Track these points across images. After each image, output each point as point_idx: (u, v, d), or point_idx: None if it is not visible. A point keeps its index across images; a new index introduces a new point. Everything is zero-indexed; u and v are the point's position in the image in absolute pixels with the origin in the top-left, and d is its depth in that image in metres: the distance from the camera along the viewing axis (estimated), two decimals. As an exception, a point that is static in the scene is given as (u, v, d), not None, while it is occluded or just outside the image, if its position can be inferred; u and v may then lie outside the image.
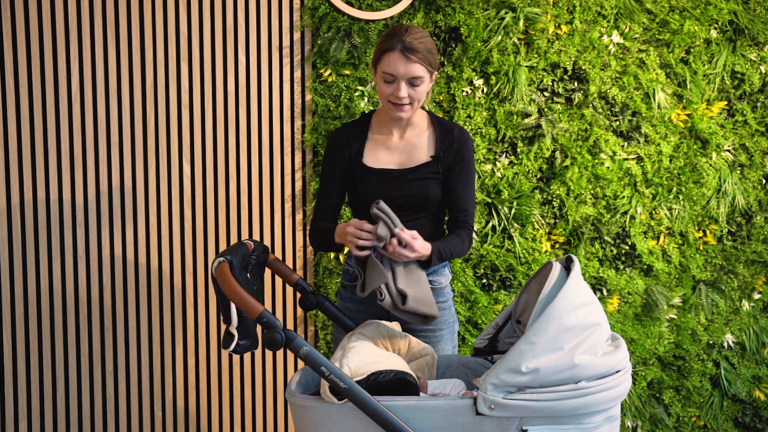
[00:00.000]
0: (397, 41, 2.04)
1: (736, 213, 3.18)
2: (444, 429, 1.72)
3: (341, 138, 2.21)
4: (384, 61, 2.06)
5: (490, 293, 3.02)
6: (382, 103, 2.14)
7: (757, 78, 3.11)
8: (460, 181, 2.20)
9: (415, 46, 2.04)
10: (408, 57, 2.04)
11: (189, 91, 2.82)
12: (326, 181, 2.24)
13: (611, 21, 2.99)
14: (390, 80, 2.07)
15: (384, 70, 2.07)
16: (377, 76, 2.11)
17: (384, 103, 2.13)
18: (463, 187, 2.21)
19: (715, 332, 3.20)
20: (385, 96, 2.10)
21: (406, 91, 2.07)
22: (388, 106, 2.12)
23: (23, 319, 2.79)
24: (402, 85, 2.06)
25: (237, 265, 1.80)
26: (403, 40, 2.04)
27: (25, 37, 2.69)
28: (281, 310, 2.98)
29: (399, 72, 2.05)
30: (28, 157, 2.74)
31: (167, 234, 2.86)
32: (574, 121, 3.00)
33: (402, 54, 2.04)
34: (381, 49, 2.08)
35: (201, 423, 2.96)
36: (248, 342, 1.83)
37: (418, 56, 2.05)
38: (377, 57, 2.09)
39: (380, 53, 2.08)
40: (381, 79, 2.09)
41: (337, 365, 1.80)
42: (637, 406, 3.16)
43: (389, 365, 1.79)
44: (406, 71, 2.05)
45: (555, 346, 1.68)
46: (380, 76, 2.09)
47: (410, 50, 2.03)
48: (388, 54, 2.05)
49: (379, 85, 2.11)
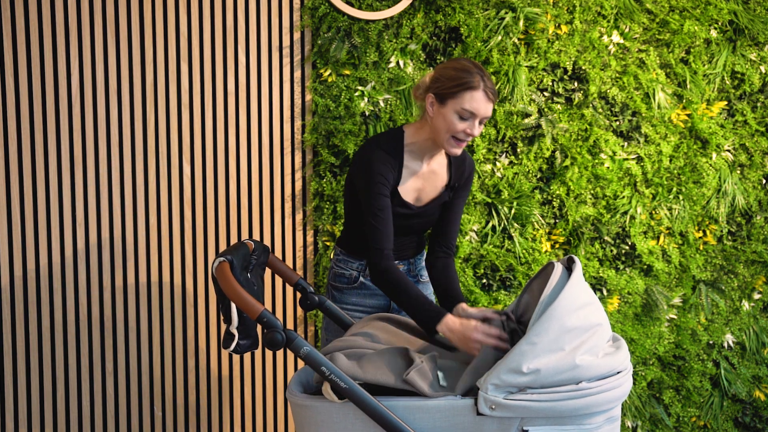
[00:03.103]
0: (480, 80, 2.03)
1: (736, 213, 3.18)
2: (444, 429, 1.72)
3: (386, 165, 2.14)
4: (465, 99, 2.03)
5: (490, 293, 3.02)
6: (442, 137, 2.10)
7: (757, 78, 3.11)
8: (459, 208, 2.28)
9: (494, 89, 2.06)
10: (489, 98, 2.04)
11: (189, 91, 2.82)
12: (386, 210, 2.12)
13: (611, 21, 2.99)
14: (467, 117, 2.05)
15: (464, 107, 2.03)
16: (448, 109, 2.06)
17: (445, 137, 2.09)
18: (460, 213, 2.29)
19: (715, 332, 3.20)
20: (455, 131, 2.07)
21: (477, 129, 2.08)
22: (450, 141, 2.09)
23: (23, 319, 2.79)
24: (476, 123, 2.06)
25: (237, 265, 1.80)
26: (485, 80, 2.04)
27: (25, 37, 2.69)
28: (281, 310, 2.98)
29: (480, 111, 2.04)
30: (28, 157, 2.73)
31: (167, 234, 2.86)
32: (574, 121, 3.00)
33: (485, 94, 2.03)
34: (460, 84, 2.04)
35: (201, 423, 2.96)
36: (248, 342, 1.83)
37: (496, 97, 2.07)
38: (453, 92, 2.05)
39: (460, 89, 2.04)
40: (455, 114, 2.05)
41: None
42: (637, 406, 3.16)
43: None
44: (486, 111, 2.05)
45: (556, 347, 1.68)
46: (456, 111, 2.05)
47: (492, 92, 2.05)
48: (471, 92, 2.03)
49: (450, 119, 2.06)
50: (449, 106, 2.05)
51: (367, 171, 2.12)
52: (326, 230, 2.92)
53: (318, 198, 2.89)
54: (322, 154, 2.87)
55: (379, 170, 2.10)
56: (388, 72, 2.87)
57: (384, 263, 2.07)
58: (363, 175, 2.13)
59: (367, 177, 2.11)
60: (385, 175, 2.11)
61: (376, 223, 2.09)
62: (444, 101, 2.06)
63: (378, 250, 2.08)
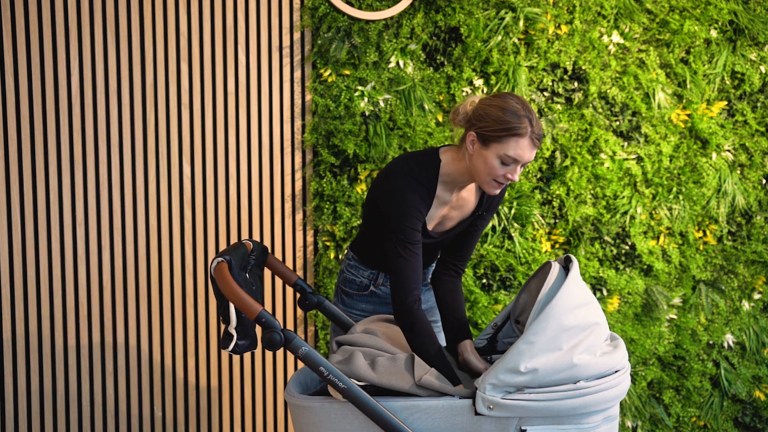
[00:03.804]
0: (528, 126, 1.90)
1: (736, 213, 3.17)
2: (443, 429, 1.72)
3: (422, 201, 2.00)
4: (511, 146, 1.89)
5: (490, 293, 3.02)
6: (482, 179, 1.96)
7: (757, 78, 3.11)
8: (480, 232, 2.18)
9: (542, 133, 1.94)
10: (535, 144, 1.93)
11: (189, 91, 2.82)
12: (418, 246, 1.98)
13: (611, 21, 2.99)
14: (509, 162, 1.91)
15: (508, 154, 1.90)
16: (490, 152, 1.92)
17: (485, 179, 1.96)
18: (478, 237, 2.20)
19: (715, 332, 3.20)
20: (495, 175, 1.94)
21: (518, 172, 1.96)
22: (491, 183, 1.96)
23: (23, 319, 2.79)
24: (519, 168, 1.94)
25: (236, 265, 1.80)
26: (533, 126, 1.90)
27: (25, 37, 2.69)
28: (281, 310, 2.98)
29: (524, 158, 1.92)
30: (28, 157, 2.74)
31: (167, 234, 2.86)
32: (574, 121, 3.00)
33: (531, 141, 1.91)
34: (507, 129, 1.90)
35: (201, 423, 2.97)
36: (247, 342, 1.83)
37: (541, 142, 1.99)
38: (498, 136, 1.90)
39: (506, 135, 1.90)
40: (497, 159, 1.91)
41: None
42: (637, 406, 3.16)
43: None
44: (530, 157, 1.93)
45: (554, 346, 1.68)
46: (498, 156, 1.91)
47: (539, 137, 1.93)
48: (518, 139, 1.89)
49: (491, 162, 1.92)
50: (492, 149, 1.92)
51: (400, 203, 1.97)
52: (326, 230, 2.92)
53: (318, 198, 2.90)
54: (322, 154, 2.87)
55: (415, 205, 1.97)
56: (388, 72, 2.87)
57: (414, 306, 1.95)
58: (395, 207, 1.98)
59: (400, 209, 1.97)
60: (421, 211, 1.98)
61: (408, 257, 1.95)
62: (487, 144, 1.92)
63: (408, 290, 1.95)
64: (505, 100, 1.93)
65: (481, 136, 1.93)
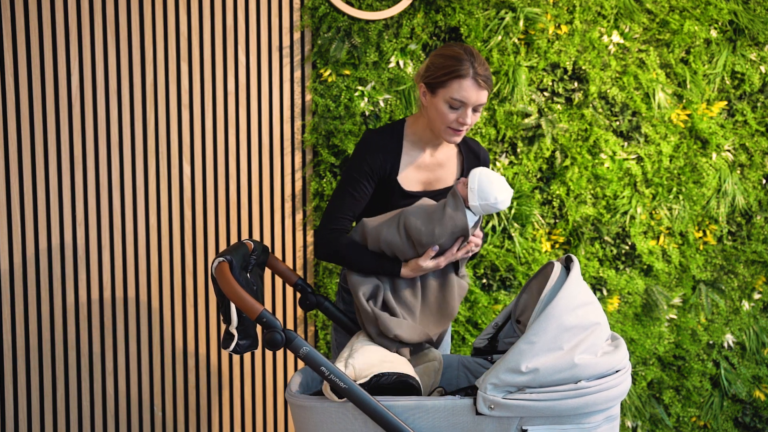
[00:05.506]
0: (469, 68, 1.97)
1: (736, 213, 3.18)
2: (444, 429, 1.72)
3: (378, 151, 2.10)
4: (453, 87, 1.98)
5: (490, 293, 3.02)
6: (438, 127, 2.05)
7: (757, 78, 3.11)
8: None
9: (487, 75, 2.00)
10: (480, 85, 1.98)
11: (189, 91, 2.82)
12: (357, 192, 2.10)
13: (611, 21, 2.99)
14: (457, 106, 2.00)
15: (453, 97, 1.98)
16: (438, 99, 2.02)
17: (440, 127, 2.05)
18: None
19: (715, 332, 3.20)
20: (447, 121, 2.02)
21: (472, 117, 2.02)
22: (446, 131, 2.04)
23: (23, 319, 2.79)
24: (469, 111, 2.00)
25: (237, 265, 1.80)
26: (475, 67, 1.98)
27: (25, 37, 2.69)
28: (281, 310, 2.98)
29: (471, 99, 1.99)
30: (28, 157, 2.74)
31: (167, 234, 2.86)
32: (574, 121, 3.00)
33: (475, 81, 1.98)
34: (448, 73, 1.98)
35: (201, 423, 2.96)
36: (248, 342, 1.83)
37: (488, 84, 2.02)
38: (441, 81, 2.00)
39: (448, 78, 1.99)
40: (445, 104, 2.00)
41: (342, 364, 1.81)
42: (637, 406, 3.16)
43: (393, 368, 1.79)
44: (477, 99, 1.99)
45: (554, 346, 1.68)
46: (445, 101, 2.00)
47: (484, 78, 1.99)
48: (459, 80, 1.97)
49: (441, 109, 2.01)
50: (440, 95, 2.01)
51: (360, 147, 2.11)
52: (326, 230, 2.92)
53: (318, 198, 2.90)
54: (322, 154, 2.87)
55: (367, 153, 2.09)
56: (388, 72, 2.87)
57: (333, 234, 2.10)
58: (355, 151, 2.12)
59: (358, 152, 2.11)
60: (375, 161, 2.08)
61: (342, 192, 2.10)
62: (434, 91, 2.02)
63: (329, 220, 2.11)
64: (449, 47, 2.04)
65: (428, 85, 2.03)
